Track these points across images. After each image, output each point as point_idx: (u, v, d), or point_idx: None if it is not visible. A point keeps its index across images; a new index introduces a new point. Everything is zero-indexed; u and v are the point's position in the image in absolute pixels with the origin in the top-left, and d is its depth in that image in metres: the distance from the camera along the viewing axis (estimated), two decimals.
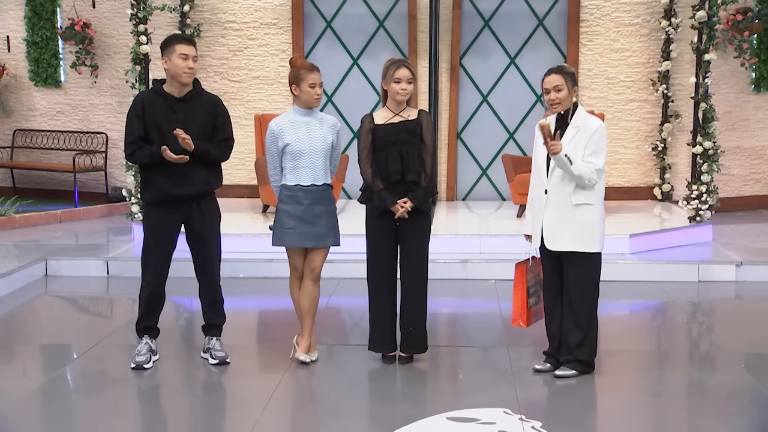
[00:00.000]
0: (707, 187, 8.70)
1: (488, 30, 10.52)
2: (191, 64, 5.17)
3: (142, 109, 5.19)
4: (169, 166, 5.14)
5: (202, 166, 5.25)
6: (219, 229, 5.48)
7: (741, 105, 10.58)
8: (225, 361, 5.42)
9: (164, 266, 5.38)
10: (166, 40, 5.26)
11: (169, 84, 5.22)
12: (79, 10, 11.10)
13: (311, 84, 5.26)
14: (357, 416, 4.71)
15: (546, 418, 4.53)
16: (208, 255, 5.44)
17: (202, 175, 5.27)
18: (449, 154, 10.55)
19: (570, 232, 5.05)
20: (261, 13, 10.59)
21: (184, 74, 5.16)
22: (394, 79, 5.20)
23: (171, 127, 5.12)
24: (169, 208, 5.25)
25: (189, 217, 5.32)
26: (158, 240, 5.31)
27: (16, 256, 8.15)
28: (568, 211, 5.05)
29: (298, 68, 5.30)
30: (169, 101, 5.20)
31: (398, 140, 5.22)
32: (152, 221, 5.30)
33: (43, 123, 11.70)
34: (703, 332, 6.53)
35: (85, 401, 4.97)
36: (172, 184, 5.20)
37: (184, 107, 5.22)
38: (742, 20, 10.00)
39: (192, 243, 5.42)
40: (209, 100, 5.34)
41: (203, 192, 5.30)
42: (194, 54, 5.20)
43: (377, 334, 5.42)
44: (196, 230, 5.36)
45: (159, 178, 5.19)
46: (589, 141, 4.99)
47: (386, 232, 5.32)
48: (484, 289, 7.41)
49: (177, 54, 5.13)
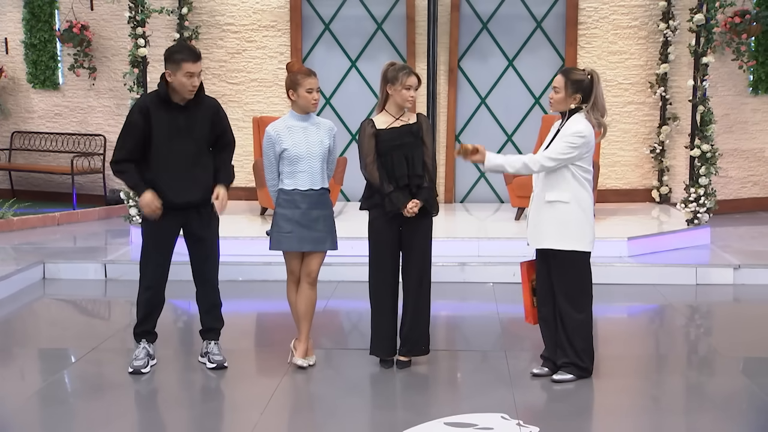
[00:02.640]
0: (705, 189, 8.70)
1: (486, 32, 10.52)
2: (196, 82, 5.15)
3: (146, 118, 5.15)
4: (169, 176, 5.15)
5: (202, 175, 5.26)
6: (218, 233, 5.47)
7: (739, 107, 10.58)
8: (223, 365, 5.41)
9: (163, 270, 5.37)
10: (171, 52, 5.18)
11: (172, 92, 5.20)
12: (77, 13, 11.10)
13: (308, 89, 5.26)
14: (355, 421, 4.71)
15: (544, 423, 4.53)
16: (207, 259, 5.43)
17: (203, 184, 5.26)
18: (447, 157, 10.55)
19: (546, 228, 5.08)
20: (259, 15, 10.59)
21: (188, 92, 5.15)
22: (406, 86, 5.21)
23: (175, 133, 5.13)
24: (168, 214, 5.24)
25: (188, 222, 5.32)
26: (157, 244, 5.31)
27: (14, 259, 8.14)
28: (544, 209, 5.08)
29: (295, 73, 5.30)
30: (172, 108, 5.18)
31: (403, 144, 5.22)
32: (151, 226, 5.29)
33: (41, 125, 11.70)
34: (701, 335, 6.53)
35: (83, 405, 4.97)
36: (173, 194, 5.19)
37: (186, 114, 5.20)
38: (740, 23, 10.01)
39: (191, 246, 5.42)
40: (209, 105, 5.33)
41: (204, 200, 5.30)
42: (200, 70, 5.17)
43: (379, 339, 5.42)
44: (196, 234, 5.36)
45: (160, 187, 5.18)
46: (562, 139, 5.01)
47: (390, 237, 5.31)
48: (483, 292, 7.41)
49: (183, 72, 5.08)
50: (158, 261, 5.34)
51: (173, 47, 5.28)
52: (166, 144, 5.15)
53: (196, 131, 5.22)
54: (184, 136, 5.18)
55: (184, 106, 5.20)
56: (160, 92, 5.20)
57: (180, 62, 5.09)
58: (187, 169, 5.19)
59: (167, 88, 5.17)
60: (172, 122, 5.16)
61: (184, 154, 5.17)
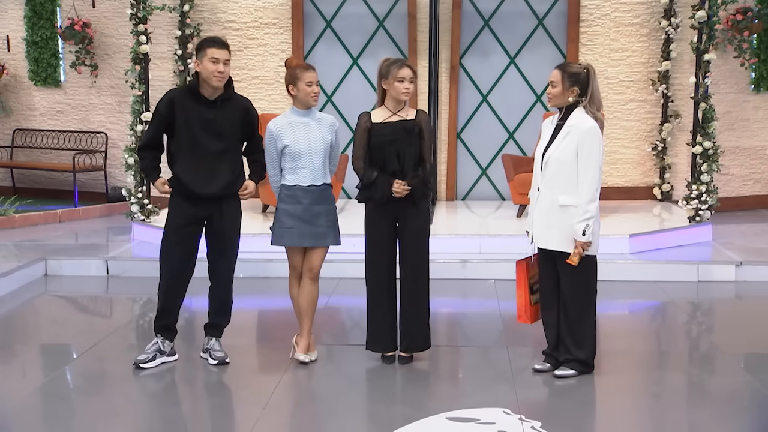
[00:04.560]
0: (707, 187, 8.70)
1: (488, 30, 10.51)
2: (221, 68, 5.15)
3: (170, 109, 5.19)
4: (193, 168, 5.18)
5: (226, 171, 5.27)
6: (239, 230, 5.46)
7: (741, 105, 10.57)
8: (224, 362, 5.42)
9: (182, 265, 5.33)
10: (200, 42, 5.26)
11: (202, 86, 5.21)
12: (79, 10, 11.10)
13: (308, 82, 5.27)
14: (357, 416, 4.72)
15: (545, 418, 4.53)
16: (224, 252, 5.42)
17: (226, 179, 5.28)
18: (449, 154, 10.55)
19: (556, 232, 5.06)
20: (261, 12, 10.59)
21: (214, 78, 5.15)
22: (398, 78, 5.20)
23: (201, 127, 5.16)
24: (191, 207, 5.26)
25: (211, 216, 5.32)
26: (177, 237, 5.29)
27: (16, 256, 8.15)
28: (555, 212, 5.05)
29: (293, 68, 5.31)
30: (201, 102, 5.20)
31: (395, 139, 5.23)
32: (174, 215, 5.31)
33: (43, 123, 11.70)
34: (702, 332, 6.53)
35: (84, 401, 4.98)
36: (195, 186, 5.21)
37: (215, 109, 5.21)
38: (742, 20, 9.99)
39: (210, 240, 5.40)
40: (240, 104, 5.35)
41: (226, 194, 5.31)
42: (226, 58, 5.18)
43: (376, 333, 5.42)
44: (216, 228, 5.35)
45: (184, 177, 5.21)
46: (581, 142, 4.97)
47: (385, 232, 5.32)
48: (484, 289, 7.41)
49: (208, 57, 5.13)
50: (178, 255, 5.31)
51: (201, 39, 5.34)
52: (191, 137, 5.18)
53: (226, 128, 5.24)
54: (211, 131, 5.19)
55: (213, 101, 5.21)
56: (191, 85, 5.26)
57: (205, 48, 5.17)
58: (212, 164, 5.21)
59: (198, 81, 5.22)
60: (200, 116, 5.18)
61: (210, 148, 5.19)
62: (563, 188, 5.01)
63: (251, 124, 5.40)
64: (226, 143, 5.26)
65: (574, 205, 4.98)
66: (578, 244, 4.95)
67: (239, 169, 5.37)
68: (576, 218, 4.94)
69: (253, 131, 5.45)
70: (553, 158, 5.05)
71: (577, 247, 4.96)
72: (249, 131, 5.41)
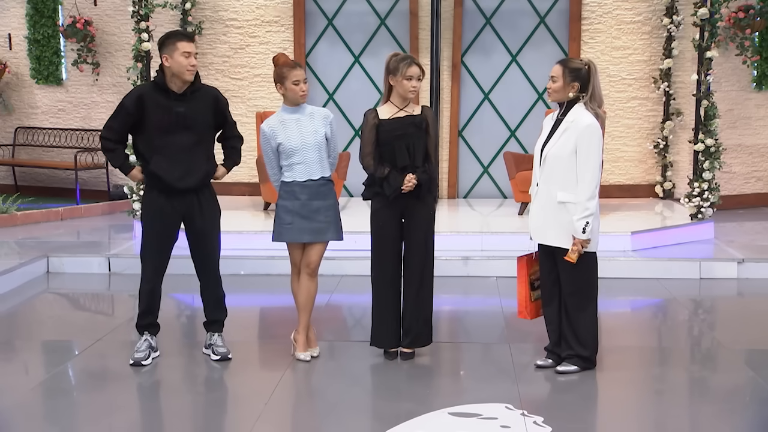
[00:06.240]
0: (709, 184, 8.69)
1: (490, 28, 10.51)
2: (193, 62, 5.18)
3: (139, 107, 5.17)
4: (168, 163, 5.18)
5: (202, 162, 5.27)
6: (219, 225, 5.48)
7: (743, 103, 10.57)
8: (227, 357, 5.42)
9: (163, 261, 5.38)
10: (165, 36, 5.24)
11: (170, 80, 5.22)
12: (81, 8, 11.10)
13: (295, 81, 5.28)
14: (358, 412, 4.72)
15: (548, 414, 4.53)
16: (209, 250, 5.44)
17: (202, 171, 5.30)
18: (450, 152, 10.55)
19: (554, 228, 5.05)
20: (262, 10, 10.59)
21: (187, 72, 5.16)
22: (407, 76, 5.20)
23: (174, 121, 5.16)
24: (167, 202, 5.26)
25: (189, 212, 5.32)
26: (158, 235, 5.31)
27: (18, 254, 8.15)
28: (553, 208, 5.05)
29: (280, 66, 5.33)
30: (170, 96, 5.20)
31: (405, 134, 5.23)
32: (151, 217, 5.31)
33: (45, 121, 11.71)
34: (704, 329, 6.53)
35: (86, 397, 4.98)
36: (171, 179, 5.21)
37: (185, 102, 5.22)
38: (744, 18, 9.99)
39: (192, 239, 5.42)
40: (209, 93, 5.37)
41: (203, 185, 5.33)
42: (195, 50, 5.22)
43: (380, 329, 5.42)
44: (197, 226, 5.36)
45: (160, 172, 5.20)
46: (579, 139, 4.96)
47: (392, 229, 5.32)
48: (486, 286, 7.41)
49: (180, 52, 5.13)
50: (159, 253, 5.34)
51: (164, 35, 5.30)
52: (163, 132, 5.17)
53: (198, 119, 5.25)
54: (183, 125, 5.19)
55: (182, 95, 5.21)
56: (157, 81, 5.23)
57: (175, 42, 5.15)
58: (187, 157, 5.22)
59: (164, 76, 5.20)
60: (171, 110, 5.18)
61: (184, 142, 5.20)
62: (561, 184, 5.01)
63: (222, 113, 5.42)
64: (199, 135, 5.27)
65: (572, 201, 4.97)
66: (577, 242, 4.95)
67: (213, 158, 5.41)
68: (576, 215, 4.94)
69: (226, 118, 5.46)
70: (551, 154, 5.05)
71: (576, 244, 4.95)
72: (221, 119, 5.43)
